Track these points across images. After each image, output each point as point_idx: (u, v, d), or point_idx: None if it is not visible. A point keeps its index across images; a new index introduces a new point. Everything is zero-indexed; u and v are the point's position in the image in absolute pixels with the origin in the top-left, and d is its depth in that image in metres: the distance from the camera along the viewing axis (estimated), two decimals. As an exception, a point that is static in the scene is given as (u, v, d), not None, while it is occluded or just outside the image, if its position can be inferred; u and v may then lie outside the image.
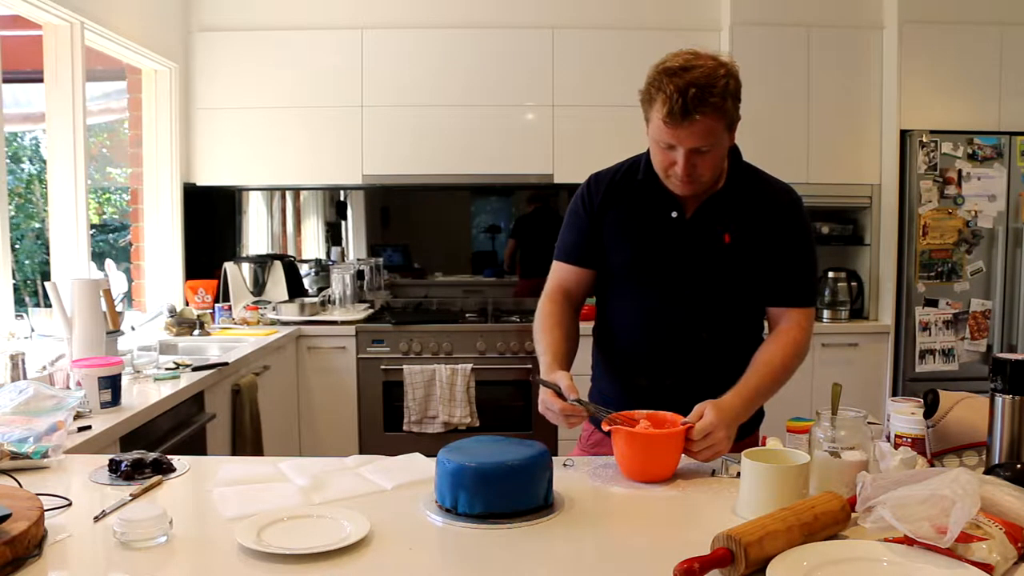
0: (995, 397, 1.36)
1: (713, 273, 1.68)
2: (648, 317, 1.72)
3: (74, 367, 2.14)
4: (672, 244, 1.69)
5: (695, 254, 1.68)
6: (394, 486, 1.43)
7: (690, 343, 1.70)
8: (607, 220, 1.73)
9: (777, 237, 1.68)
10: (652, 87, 1.53)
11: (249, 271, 4.10)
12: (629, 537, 1.23)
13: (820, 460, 1.33)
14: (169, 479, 1.48)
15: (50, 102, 3.08)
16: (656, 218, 1.69)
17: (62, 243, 3.11)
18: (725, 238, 1.67)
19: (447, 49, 4.05)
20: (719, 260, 1.67)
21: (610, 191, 1.73)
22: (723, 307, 1.71)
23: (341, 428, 3.84)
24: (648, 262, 1.70)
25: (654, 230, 1.70)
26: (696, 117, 1.48)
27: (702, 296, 1.69)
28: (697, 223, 1.68)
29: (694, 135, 1.51)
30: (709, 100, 1.48)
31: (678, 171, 1.57)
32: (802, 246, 1.71)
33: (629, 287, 1.74)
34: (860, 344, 3.94)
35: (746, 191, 1.70)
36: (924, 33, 3.85)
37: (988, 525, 1.07)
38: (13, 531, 1.08)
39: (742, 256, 1.67)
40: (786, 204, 1.73)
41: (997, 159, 3.81)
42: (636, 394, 1.71)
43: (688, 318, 1.70)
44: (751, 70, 3.95)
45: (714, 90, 1.48)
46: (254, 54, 4.05)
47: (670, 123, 1.50)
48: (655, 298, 1.71)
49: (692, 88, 1.47)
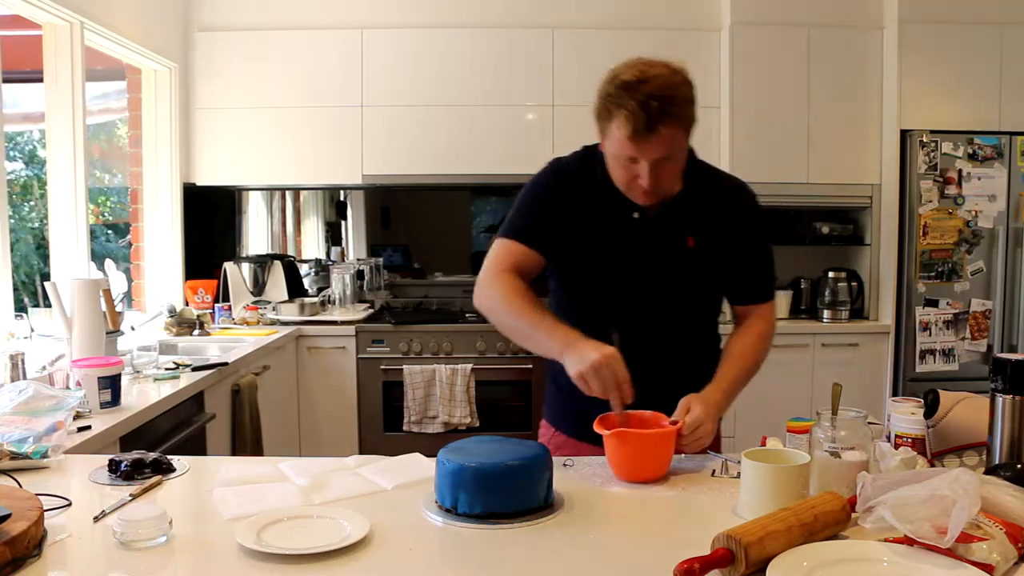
0: (995, 397, 1.36)
1: (676, 276, 1.67)
2: (608, 319, 1.65)
3: (74, 367, 2.14)
4: (634, 246, 1.66)
5: (658, 257, 1.66)
6: (394, 486, 1.43)
7: (652, 345, 1.66)
8: (566, 212, 1.66)
9: (739, 237, 1.69)
10: (610, 103, 1.48)
11: (249, 271, 4.10)
12: (629, 537, 1.23)
13: (820, 460, 1.32)
14: (169, 479, 1.48)
15: (50, 102, 3.07)
16: (617, 218, 1.66)
17: (62, 243, 3.11)
18: (689, 241, 1.66)
19: (447, 49, 4.05)
20: (683, 263, 1.67)
21: (572, 182, 1.67)
22: (685, 308, 1.70)
23: (341, 428, 3.84)
24: (609, 262, 1.67)
25: (615, 230, 1.66)
26: (661, 130, 1.46)
27: (664, 298, 1.68)
28: (659, 225, 1.66)
29: (659, 147, 1.49)
30: (671, 111, 1.45)
31: (643, 184, 1.53)
32: (762, 242, 1.73)
33: (588, 287, 1.70)
34: (860, 344, 3.93)
35: (705, 191, 1.69)
36: (924, 33, 3.85)
37: (988, 525, 1.07)
38: (13, 531, 1.08)
39: (705, 259, 1.67)
40: (744, 202, 1.72)
41: (997, 159, 3.81)
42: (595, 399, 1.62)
43: (647, 316, 1.68)
44: (751, 70, 3.99)
45: (675, 99, 1.46)
46: (254, 54, 4.05)
47: (635, 139, 1.47)
48: (616, 299, 1.68)
49: (653, 101, 1.44)
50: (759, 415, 3.84)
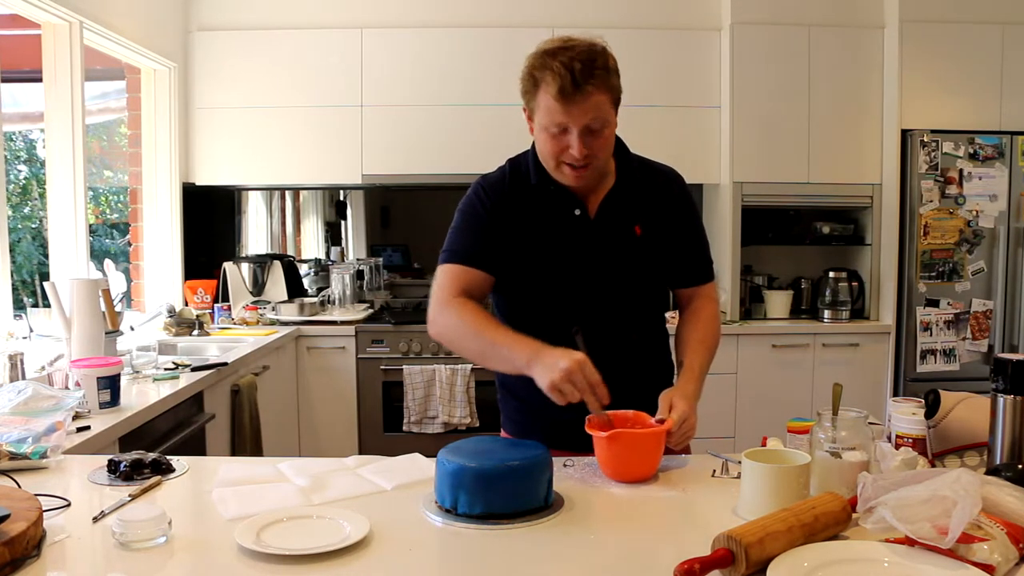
0: (996, 397, 1.36)
1: (629, 267, 1.68)
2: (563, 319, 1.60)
3: (73, 367, 2.13)
4: (581, 243, 1.65)
5: (607, 251, 1.66)
6: (394, 486, 1.43)
7: (610, 339, 1.64)
8: (507, 225, 1.65)
9: (678, 222, 1.72)
10: (535, 71, 1.53)
11: (248, 271, 4.10)
12: (629, 537, 1.23)
13: (821, 460, 1.32)
14: (168, 479, 1.48)
15: (49, 102, 3.07)
16: (559, 219, 1.65)
17: (61, 243, 3.11)
18: (636, 230, 1.67)
19: (447, 49, 4.05)
20: (634, 253, 1.68)
21: (505, 195, 1.67)
22: (638, 299, 1.72)
23: (341, 428, 3.84)
24: (558, 264, 1.65)
25: (559, 231, 1.65)
26: (588, 88, 1.48)
27: (618, 290, 1.68)
28: (603, 219, 1.66)
29: (587, 110, 1.50)
30: (595, 71, 1.48)
31: (574, 153, 1.53)
32: (698, 225, 1.77)
33: (539, 292, 1.68)
34: (861, 344, 3.93)
35: (641, 181, 1.70)
36: (925, 32, 3.85)
37: (989, 526, 1.07)
38: (12, 532, 1.08)
39: (654, 246, 1.69)
40: (678, 189, 1.74)
41: (998, 159, 3.81)
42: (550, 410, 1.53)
43: (606, 315, 1.67)
44: (751, 70, 3.98)
45: (597, 62, 1.49)
46: (254, 54, 4.05)
47: (562, 99, 1.48)
48: (571, 298, 1.67)
49: (577, 63, 1.47)
50: (759, 415, 3.85)
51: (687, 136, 4.09)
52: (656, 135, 4.06)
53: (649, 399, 1.58)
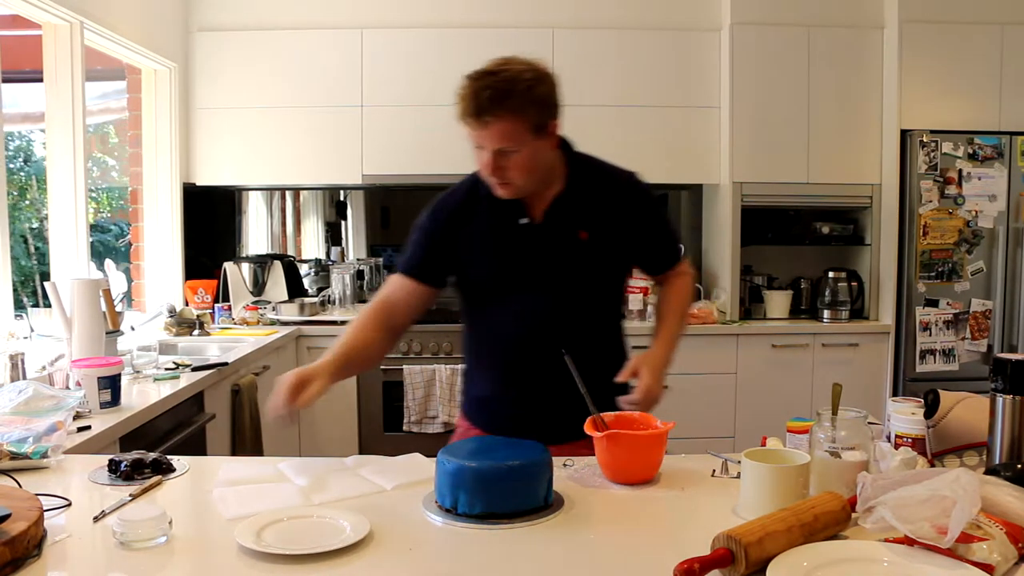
0: (996, 397, 1.36)
1: (575, 271, 1.71)
2: (517, 325, 1.73)
3: (73, 367, 2.14)
4: (528, 250, 1.71)
5: (553, 256, 1.71)
6: (394, 486, 1.43)
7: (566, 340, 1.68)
8: (459, 239, 1.73)
9: (634, 221, 1.75)
10: (459, 90, 1.58)
11: (249, 271, 4.10)
12: (629, 537, 1.23)
13: (820, 460, 1.32)
14: (169, 479, 1.48)
15: (50, 102, 3.07)
16: (507, 228, 1.71)
17: (61, 243, 3.11)
18: (581, 235, 1.70)
19: (447, 49, 4.05)
20: (579, 257, 1.71)
21: (458, 210, 1.74)
22: (589, 300, 1.75)
23: (341, 428, 3.84)
24: (508, 272, 1.72)
25: (507, 240, 1.71)
26: (487, 119, 1.53)
27: (568, 293, 1.72)
28: (550, 226, 1.71)
29: (493, 136, 1.55)
30: (504, 103, 1.52)
31: (487, 172, 1.62)
32: (660, 217, 1.83)
33: (494, 299, 1.75)
34: (860, 344, 3.93)
35: (590, 185, 1.73)
36: (924, 33, 3.85)
37: (989, 525, 1.07)
38: (12, 531, 1.08)
39: (601, 249, 1.72)
40: (631, 188, 1.77)
41: (997, 159, 3.81)
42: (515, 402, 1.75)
43: (557, 319, 1.72)
44: (751, 70, 3.99)
45: (511, 94, 1.53)
46: (254, 54, 4.05)
47: (467, 124, 1.56)
48: (521, 305, 1.72)
49: (487, 91, 1.52)
50: (759, 415, 3.85)
51: (687, 136, 4.09)
52: (656, 135, 4.07)
53: (606, 397, 1.61)
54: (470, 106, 1.54)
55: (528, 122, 1.56)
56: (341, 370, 1.61)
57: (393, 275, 1.78)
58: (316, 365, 1.56)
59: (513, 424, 1.66)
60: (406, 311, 1.75)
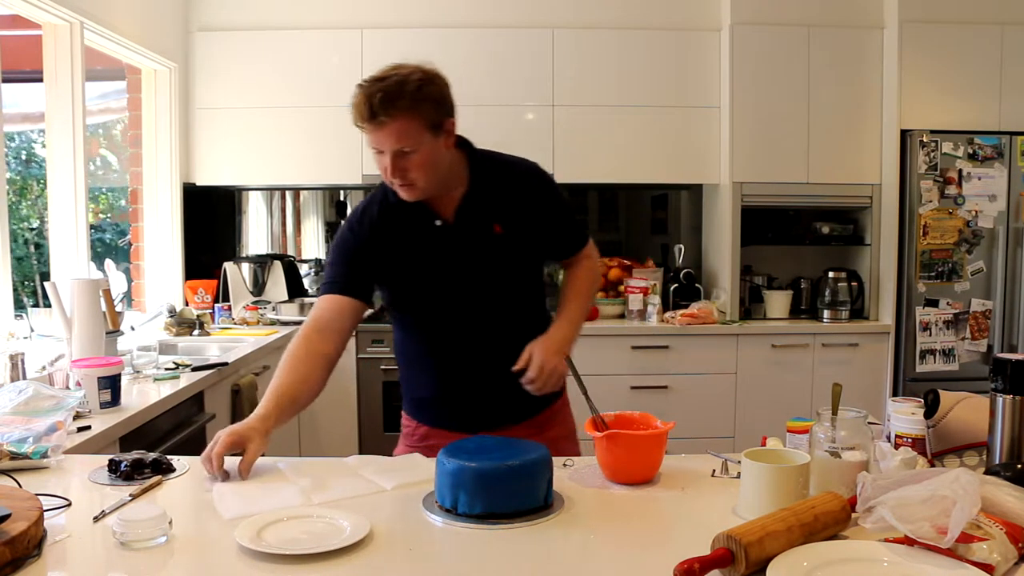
0: (996, 397, 1.36)
1: (494, 265, 1.75)
2: (446, 325, 1.77)
3: (74, 367, 2.13)
4: (447, 250, 1.74)
5: (471, 253, 1.74)
6: (394, 486, 1.43)
7: (495, 335, 1.75)
8: (381, 249, 1.75)
9: (540, 210, 1.78)
10: (353, 97, 1.61)
11: (249, 271, 4.10)
12: (629, 537, 1.23)
13: (820, 460, 1.32)
14: (169, 479, 1.48)
15: (50, 102, 3.07)
16: (423, 232, 1.74)
17: (62, 243, 3.11)
18: (496, 228, 1.73)
19: (446, 49, 4.04)
20: (496, 251, 1.74)
21: (376, 221, 1.76)
22: (512, 291, 1.79)
23: (341, 428, 3.84)
24: (431, 274, 1.75)
25: (426, 243, 1.74)
26: (382, 119, 1.56)
27: (490, 288, 1.75)
28: (463, 224, 1.73)
29: (390, 137, 1.58)
30: (396, 103, 1.56)
31: (388, 175, 1.63)
32: (561, 205, 1.84)
33: (421, 303, 1.79)
34: (860, 344, 3.93)
35: (495, 180, 1.76)
36: (924, 33, 3.85)
37: (989, 525, 1.07)
38: (12, 531, 1.08)
39: (516, 240, 1.75)
40: (533, 178, 1.81)
41: (997, 159, 3.81)
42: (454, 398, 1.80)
43: (484, 314, 1.76)
44: (751, 70, 3.99)
45: (402, 94, 1.57)
46: (254, 54, 4.05)
47: (363, 128, 1.59)
48: (448, 305, 1.76)
49: (379, 94, 1.56)
50: (759, 415, 3.85)
51: (687, 136, 4.09)
52: (656, 135, 4.07)
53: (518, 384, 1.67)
54: (364, 110, 1.57)
55: (423, 120, 1.60)
56: (278, 421, 1.59)
57: (320, 298, 1.76)
58: (251, 423, 1.52)
59: (456, 419, 1.77)
60: (339, 332, 1.73)
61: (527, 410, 1.79)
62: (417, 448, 1.80)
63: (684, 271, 4.15)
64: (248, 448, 1.49)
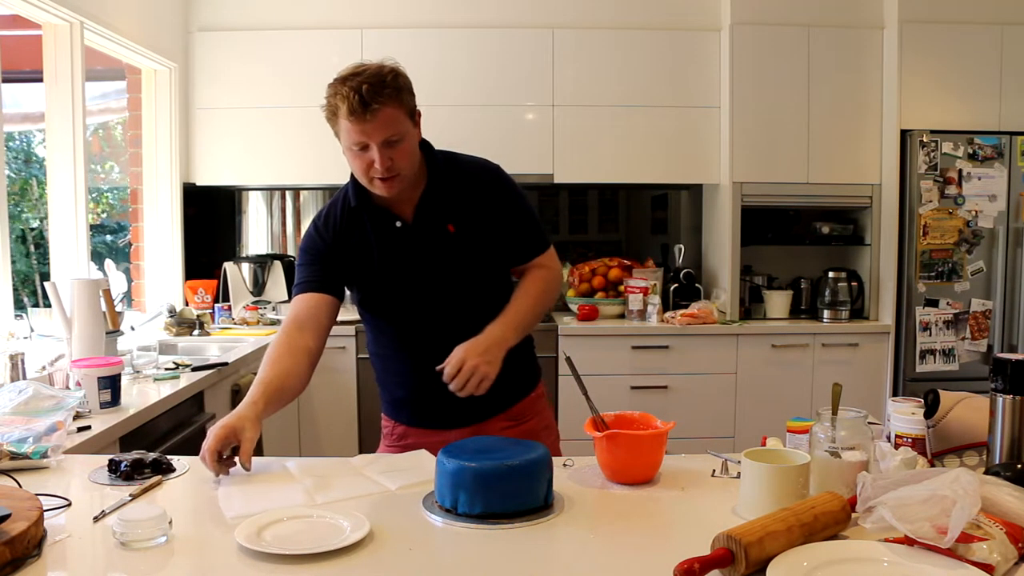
0: (996, 397, 1.36)
1: (448, 264, 1.76)
2: (413, 325, 1.79)
3: (74, 367, 2.14)
4: (406, 251, 1.76)
5: (428, 253, 1.76)
6: (398, 486, 1.43)
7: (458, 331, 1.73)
8: (346, 252, 1.77)
9: (496, 211, 1.79)
10: (332, 98, 1.63)
11: (249, 271, 4.10)
12: (629, 537, 1.23)
13: (820, 460, 1.32)
14: (169, 479, 1.48)
15: (50, 102, 3.07)
16: (383, 234, 1.76)
17: (61, 243, 3.11)
18: (449, 228, 1.76)
19: (446, 49, 4.05)
20: (449, 250, 1.76)
21: (340, 225, 1.78)
22: (473, 288, 1.79)
23: (341, 428, 3.84)
24: (394, 275, 1.76)
25: (386, 244, 1.76)
26: (375, 107, 1.58)
27: (451, 286, 1.77)
28: (420, 224, 1.76)
29: (381, 125, 1.60)
30: (383, 91, 1.60)
31: (378, 167, 1.63)
32: (520, 206, 1.84)
33: (387, 304, 1.81)
34: (860, 344, 3.93)
35: (452, 179, 1.78)
36: (924, 33, 3.85)
37: (989, 525, 1.07)
38: (12, 531, 1.08)
39: (469, 240, 1.76)
40: (490, 179, 1.82)
41: (997, 159, 3.81)
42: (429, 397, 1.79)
43: (447, 310, 1.77)
44: (751, 70, 3.99)
45: (385, 82, 1.61)
46: (254, 54, 4.05)
47: (355, 120, 1.60)
48: (413, 306, 1.78)
49: (364, 85, 1.58)
50: (759, 415, 3.85)
51: (687, 136, 4.09)
52: (656, 135, 4.07)
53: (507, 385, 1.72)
54: (354, 103, 1.58)
55: (405, 108, 1.65)
56: (267, 410, 1.61)
57: (295, 298, 1.78)
58: (240, 412, 1.54)
59: (431, 418, 1.81)
60: (318, 328, 1.75)
61: (499, 404, 1.81)
62: (395, 448, 1.83)
63: (684, 271, 4.15)
64: (243, 438, 1.50)
